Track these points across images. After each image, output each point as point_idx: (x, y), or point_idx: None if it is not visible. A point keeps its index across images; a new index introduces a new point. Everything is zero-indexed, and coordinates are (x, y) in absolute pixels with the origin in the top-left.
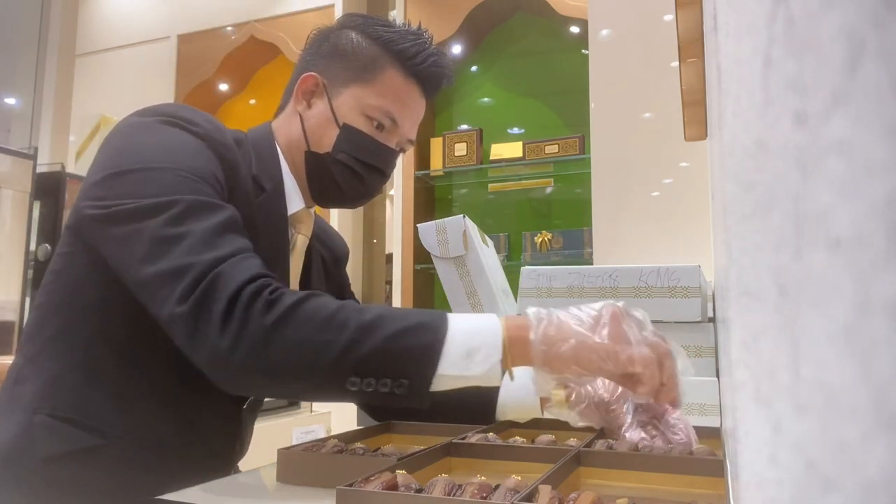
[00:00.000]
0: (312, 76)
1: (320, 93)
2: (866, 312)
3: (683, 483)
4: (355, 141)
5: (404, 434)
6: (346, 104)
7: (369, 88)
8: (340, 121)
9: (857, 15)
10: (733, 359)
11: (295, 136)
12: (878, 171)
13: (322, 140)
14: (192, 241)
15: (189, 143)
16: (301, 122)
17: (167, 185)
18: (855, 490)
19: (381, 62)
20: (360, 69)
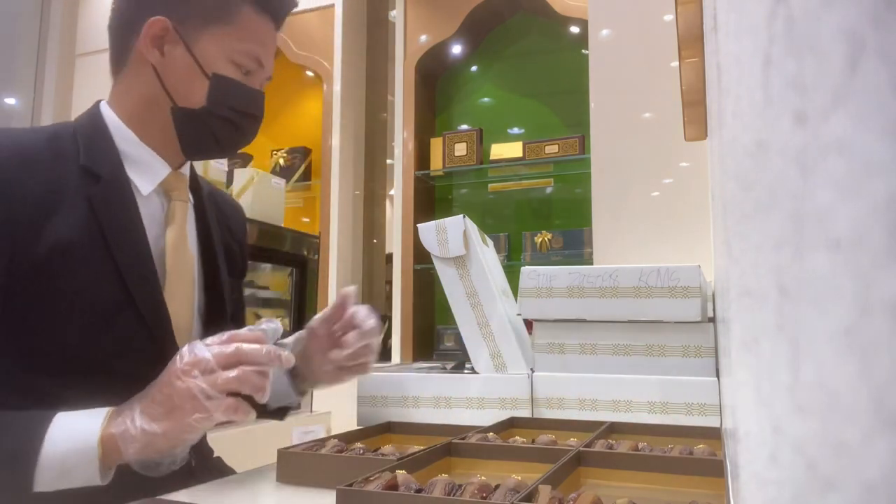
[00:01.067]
0: (160, 20)
1: (173, 39)
2: (866, 312)
3: (683, 483)
4: (228, 91)
5: (404, 434)
6: (210, 51)
7: (230, 32)
8: (209, 70)
9: (857, 15)
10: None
11: (151, 93)
12: (878, 171)
13: (190, 93)
14: None
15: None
16: (157, 74)
17: None
18: (855, 490)
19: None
20: (212, 8)
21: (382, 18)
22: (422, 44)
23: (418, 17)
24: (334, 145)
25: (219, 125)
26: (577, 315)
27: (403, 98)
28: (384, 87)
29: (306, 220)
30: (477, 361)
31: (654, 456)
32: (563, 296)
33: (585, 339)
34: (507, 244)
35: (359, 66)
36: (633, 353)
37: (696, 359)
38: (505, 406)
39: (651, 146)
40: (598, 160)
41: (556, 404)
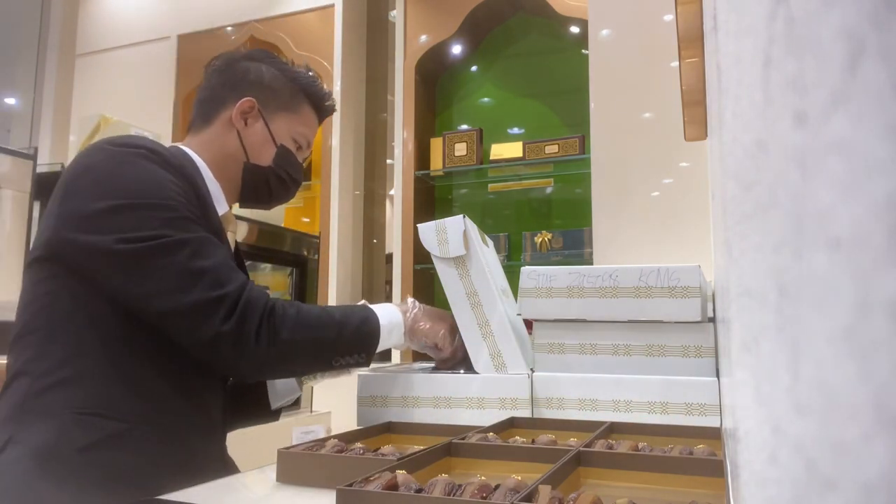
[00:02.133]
0: (250, 101)
1: (255, 115)
2: (866, 312)
3: (683, 483)
4: (288, 158)
5: (404, 434)
6: (281, 129)
7: (296, 119)
8: (278, 141)
9: (857, 15)
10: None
11: (231, 149)
12: (878, 171)
13: (261, 155)
14: (214, 273)
15: (165, 176)
16: (239, 137)
17: (173, 224)
18: (855, 490)
19: (300, 98)
20: (286, 102)
21: (382, 18)
22: (422, 44)
23: (418, 17)
24: (334, 145)
25: (275, 181)
26: (577, 315)
27: (403, 98)
28: (384, 87)
29: (306, 220)
30: (477, 361)
31: (654, 456)
32: (563, 296)
33: (585, 339)
34: (507, 244)
35: (359, 66)
36: (633, 353)
37: (696, 359)
38: (505, 406)
39: (651, 146)
40: (598, 160)
41: (556, 404)
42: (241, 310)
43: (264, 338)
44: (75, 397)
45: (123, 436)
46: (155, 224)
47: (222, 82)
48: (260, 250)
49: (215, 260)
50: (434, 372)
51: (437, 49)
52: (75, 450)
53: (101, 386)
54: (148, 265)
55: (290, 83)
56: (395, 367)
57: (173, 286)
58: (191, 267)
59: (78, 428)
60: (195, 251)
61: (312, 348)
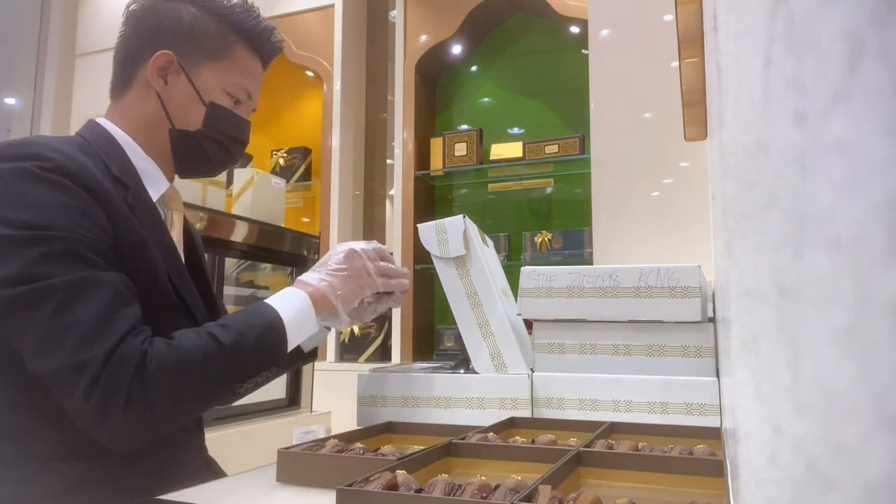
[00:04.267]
0: (166, 54)
1: (176, 70)
2: (866, 312)
3: (683, 483)
4: (222, 117)
5: (404, 434)
6: (208, 82)
7: (226, 67)
8: (206, 98)
9: (857, 15)
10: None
11: (153, 115)
12: (878, 171)
13: (187, 117)
14: (79, 332)
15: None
16: (160, 100)
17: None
18: (855, 490)
19: (230, 40)
20: (212, 48)
21: (382, 18)
22: (422, 44)
23: (418, 17)
24: (334, 145)
25: (211, 147)
26: (577, 315)
27: (403, 98)
28: (384, 87)
29: (306, 220)
30: (477, 361)
31: (654, 456)
32: (562, 296)
33: (585, 339)
34: (507, 244)
35: (359, 66)
36: (633, 353)
37: (696, 359)
38: (505, 406)
39: (651, 146)
40: (598, 160)
41: (556, 404)
42: (106, 380)
43: (137, 407)
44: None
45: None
46: (24, 262)
47: (137, 33)
48: (260, 250)
49: (86, 311)
50: (434, 372)
51: (437, 49)
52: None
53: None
54: (13, 316)
55: (217, 24)
56: (395, 367)
57: (35, 347)
58: (54, 325)
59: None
60: (64, 300)
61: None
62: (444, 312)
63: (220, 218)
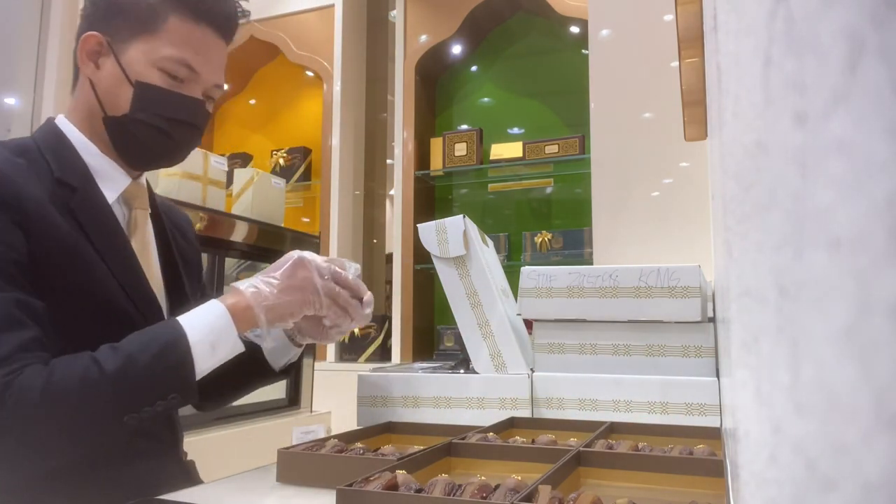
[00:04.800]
0: (93, 35)
1: (105, 52)
2: (866, 312)
3: (683, 483)
4: (152, 97)
5: (404, 434)
6: (136, 60)
7: (156, 40)
8: (133, 78)
9: (857, 15)
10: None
11: (89, 105)
12: (878, 171)
13: (117, 102)
14: None
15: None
16: (92, 87)
17: None
18: (855, 490)
19: (162, 10)
20: (141, 21)
21: (382, 18)
22: (422, 44)
23: (418, 17)
24: (334, 145)
25: (145, 132)
26: (577, 315)
27: (403, 98)
28: (384, 87)
29: (306, 220)
30: (477, 361)
31: (654, 456)
32: (562, 296)
33: (585, 339)
34: (507, 244)
35: (359, 66)
36: (633, 353)
37: (696, 359)
38: (505, 406)
39: (651, 146)
40: (598, 160)
41: (556, 404)
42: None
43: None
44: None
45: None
46: None
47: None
48: (260, 250)
49: None
50: (434, 372)
51: (437, 49)
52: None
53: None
54: None
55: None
56: (395, 367)
57: None
58: None
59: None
60: None
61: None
62: (444, 312)
63: (219, 218)
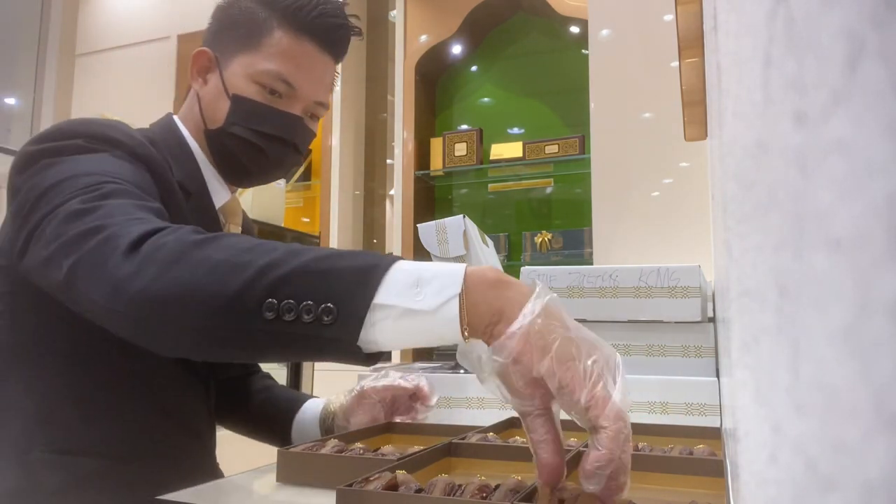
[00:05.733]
0: (204, 51)
1: (213, 68)
2: (866, 312)
3: (683, 483)
4: (246, 110)
5: (404, 434)
6: (235, 74)
7: (258, 54)
8: (230, 92)
9: (857, 15)
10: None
11: (196, 118)
12: (878, 171)
13: (216, 115)
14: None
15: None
16: (198, 101)
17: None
18: (855, 490)
19: (268, 24)
20: (247, 36)
21: (382, 18)
22: (422, 44)
23: (418, 17)
24: (334, 145)
25: (240, 147)
26: (577, 315)
27: (403, 98)
28: (384, 87)
29: (306, 220)
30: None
31: (654, 456)
32: (562, 296)
33: None
34: (507, 244)
35: (359, 66)
36: (633, 353)
37: (696, 359)
38: (505, 406)
39: (651, 146)
40: (598, 160)
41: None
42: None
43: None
44: (46, 435)
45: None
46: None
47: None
48: None
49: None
50: (434, 372)
51: (437, 49)
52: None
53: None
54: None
55: (258, 7)
56: (395, 367)
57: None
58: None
59: (49, 470)
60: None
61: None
62: None
63: None
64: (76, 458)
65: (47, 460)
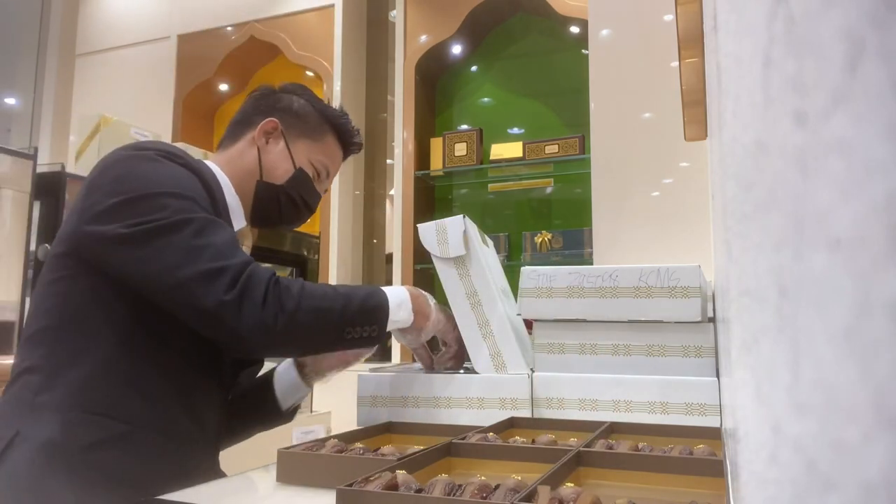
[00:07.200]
0: (274, 121)
1: (278, 136)
2: (866, 312)
3: (683, 483)
4: (304, 182)
5: (404, 434)
6: (300, 152)
7: (316, 146)
8: (297, 164)
9: (857, 15)
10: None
11: (249, 165)
12: (878, 171)
13: (276, 173)
14: (217, 248)
15: (183, 173)
16: (259, 155)
17: (180, 208)
18: (855, 490)
19: (325, 129)
20: (310, 129)
21: (382, 18)
22: (422, 44)
23: (418, 17)
24: None
25: (286, 203)
26: (577, 315)
27: (403, 98)
28: (384, 87)
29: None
30: (477, 361)
31: (654, 456)
32: (563, 296)
33: (585, 339)
34: (507, 244)
35: (359, 66)
36: (633, 353)
37: (696, 359)
38: (505, 406)
39: (651, 146)
40: (598, 160)
41: (556, 404)
42: (245, 280)
43: (271, 306)
44: (83, 396)
45: (126, 438)
46: (162, 209)
47: (255, 107)
48: (260, 250)
49: (219, 237)
50: (434, 372)
51: (437, 49)
52: (80, 448)
53: (109, 387)
54: (152, 244)
55: (318, 114)
56: (395, 367)
57: (175, 262)
58: (193, 243)
59: (83, 426)
60: (200, 229)
61: (320, 319)
62: None
63: None
64: (109, 421)
65: (84, 420)
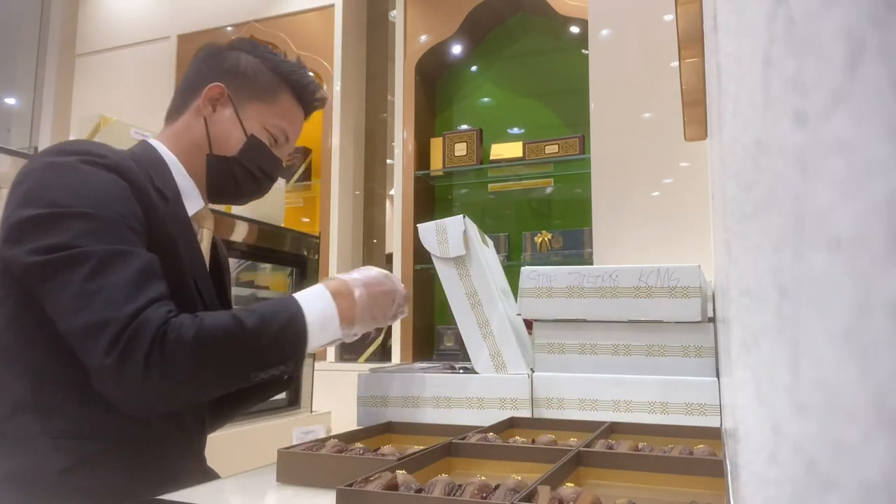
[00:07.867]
0: (219, 86)
1: (225, 102)
2: (866, 312)
3: (683, 483)
4: (258, 150)
5: (404, 434)
6: (251, 117)
7: (270, 108)
8: (248, 131)
9: (857, 15)
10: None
11: (197, 139)
12: (878, 171)
13: (227, 144)
14: (109, 294)
15: (103, 182)
16: (205, 125)
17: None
18: (855, 490)
19: (279, 88)
20: (261, 90)
21: (382, 18)
22: (422, 44)
23: (418, 17)
24: (334, 145)
25: (242, 175)
26: (577, 315)
27: (403, 98)
28: (384, 87)
29: (306, 220)
30: (477, 361)
31: (654, 456)
32: (563, 296)
33: (585, 339)
34: (507, 244)
35: (359, 66)
36: (633, 353)
37: (696, 359)
38: (505, 406)
39: (651, 146)
40: (598, 160)
41: (556, 404)
42: (127, 339)
43: (155, 366)
44: (50, 422)
45: (101, 455)
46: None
47: (198, 71)
48: (260, 250)
49: (117, 277)
50: (433, 372)
51: (437, 49)
52: (55, 473)
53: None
54: (51, 280)
55: (270, 72)
56: (394, 367)
57: (66, 307)
58: (85, 287)
59: (56, 452)
60: (96, 267)
61: (220, 369)
62: (444, 312)
63: (220, 218)
64: (78, 441)
65: (53, 444)
